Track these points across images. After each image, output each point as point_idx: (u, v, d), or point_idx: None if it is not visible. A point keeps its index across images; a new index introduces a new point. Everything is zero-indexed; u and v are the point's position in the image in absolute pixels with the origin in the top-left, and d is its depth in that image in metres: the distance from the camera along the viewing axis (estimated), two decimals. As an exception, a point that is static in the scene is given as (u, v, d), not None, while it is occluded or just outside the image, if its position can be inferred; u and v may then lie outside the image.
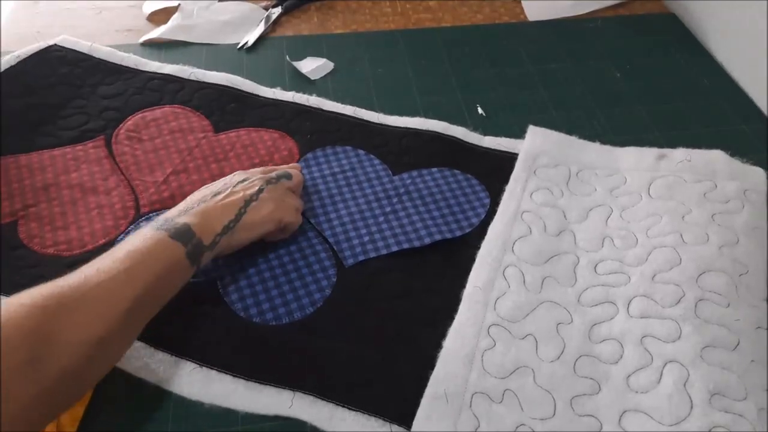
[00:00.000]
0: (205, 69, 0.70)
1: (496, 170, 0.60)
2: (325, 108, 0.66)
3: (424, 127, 0.64)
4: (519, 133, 0.64)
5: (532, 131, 0.63)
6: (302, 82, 0.70)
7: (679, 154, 0.60)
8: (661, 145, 0.63)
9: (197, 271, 0.45)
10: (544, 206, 0.56)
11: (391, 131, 0.64)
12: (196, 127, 0.64)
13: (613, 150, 0.62)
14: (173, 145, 0.61)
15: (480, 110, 0.68)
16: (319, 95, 0.67)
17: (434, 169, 0.60)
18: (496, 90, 0.71)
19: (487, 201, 0.57)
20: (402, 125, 0.64)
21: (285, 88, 0.68)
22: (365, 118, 0.65)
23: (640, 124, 0.67)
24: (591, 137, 0.64)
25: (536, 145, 0.61)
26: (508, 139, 0.63)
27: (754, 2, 0.69)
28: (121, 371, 0.44)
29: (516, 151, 0.61)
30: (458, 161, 0.61)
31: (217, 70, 0.69)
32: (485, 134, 0.64)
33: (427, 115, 0.66)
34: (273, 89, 0.68)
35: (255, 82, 0.68)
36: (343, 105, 0.66)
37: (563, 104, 0.69)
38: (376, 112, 0.66)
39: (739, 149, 0.62)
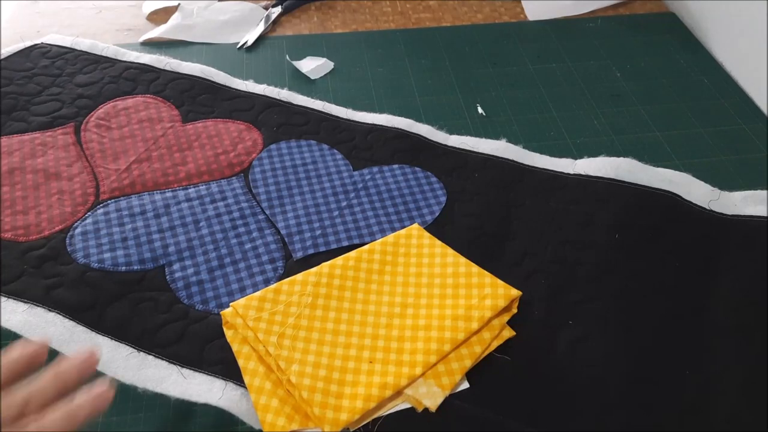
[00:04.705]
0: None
1: (457, 168, 0.59)
2: (294, 102, 0.66)
3: (389, 124, 0.63)
4: (519, 133, 0.64)
5: None
6: (302, 82, 0.70)
7: None
8: (660, 145, 0.64)
9: None
10: None
11: (357, 127, 0.64)
12: (165, 116, 0.64)
13: None
14: (140, 134, 0.62)
15: (480, 110, 0.68)
16: (319, 95, 0.68)
17: (395, 166, 0.60)
18: (496, 90, 0.70)
19: (443, 199, 0.57)
20: (369, 121, 0.64)
21: (285, 88, 0.68)
22: (333, 113, 0.65)
23: (640, 124, 0.66)
24: (591, 137, 0.64)
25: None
26: (473, 138, 0.62)
27: (754, 2, 0.68)
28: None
29: (479, 150, 0.61)
30: (421, 158, 0.60)
31: (217, 70, 0.69)
32: (485, 134, 0.63)
33: (426, 115, 0.66)
34: (245, 81, 0.68)
35: (255, 81, 0.68)
36: (312, 99, 0.66)
37: (563, 104, 0.69)
38: (376, 111, 0.65)
39: (739, 149, 0.63)
